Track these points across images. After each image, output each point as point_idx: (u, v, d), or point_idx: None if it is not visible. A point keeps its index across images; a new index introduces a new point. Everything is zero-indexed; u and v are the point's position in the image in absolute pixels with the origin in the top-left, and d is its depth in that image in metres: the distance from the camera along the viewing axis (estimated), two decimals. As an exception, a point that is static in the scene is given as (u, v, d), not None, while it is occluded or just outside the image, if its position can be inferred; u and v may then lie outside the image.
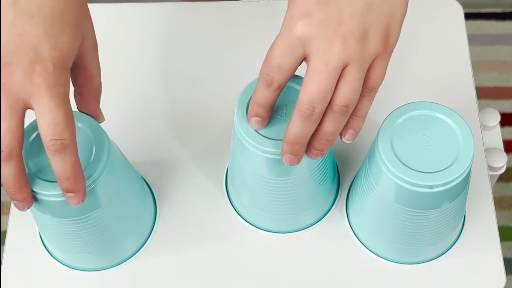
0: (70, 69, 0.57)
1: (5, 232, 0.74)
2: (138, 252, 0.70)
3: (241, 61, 0.81)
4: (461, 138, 0.60)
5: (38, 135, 0.60)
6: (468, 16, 1.41)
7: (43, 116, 0.53)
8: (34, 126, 0.61)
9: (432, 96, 0.75)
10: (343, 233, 0.71)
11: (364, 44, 0.54)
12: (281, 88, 0.56)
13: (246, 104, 0.61)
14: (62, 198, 0.59)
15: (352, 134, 0.58)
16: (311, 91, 0.54)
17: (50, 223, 0.63)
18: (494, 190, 0.75)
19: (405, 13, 0.56)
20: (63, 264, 0.70)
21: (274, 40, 0.55)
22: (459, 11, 0.84)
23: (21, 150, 0.55)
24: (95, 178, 0.59)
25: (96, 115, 0.62)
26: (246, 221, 0.72)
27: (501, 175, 0.79)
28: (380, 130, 0.61)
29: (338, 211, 0.72)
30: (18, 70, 0.53)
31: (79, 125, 0.61)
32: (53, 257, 0.71)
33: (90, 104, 0.61)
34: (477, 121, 0.77)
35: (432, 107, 0.62)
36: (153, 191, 0.73)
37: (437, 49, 0.82)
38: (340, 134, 0.58)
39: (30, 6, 0.54)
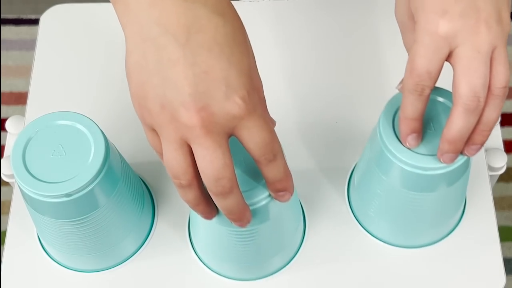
0: None
1: (5, 232, 0.74)
2: (137, 253, 0.70)
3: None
4: None
5: (38, 136, 0.60)
6: (468, 16, 1.41)
7: (252, 141, 0.52)
8: (32, 127, 0.61)
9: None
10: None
11: (502, 25, 0.55)
12: (430, 93, 0.56)
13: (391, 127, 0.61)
14: (60, 200, 0.59)
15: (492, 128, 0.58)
16: (472, 81, 0.54)
17: (48, 225, 0.63)
18: (494, 190, 0.75)
19: None
20: (62, 265, 0.70)
21: (415, 49, 0.55)
22: (459, 11, 0.84)
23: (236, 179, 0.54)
24: (93, 179, 0.59)
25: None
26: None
27: (501, 175, 0.79)
28: (382, 114, 0.62)
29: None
30: (217, 108, 0.50)
31: (77, 126, 0.61)
32: (51, 258, 0.70)
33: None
34: (477, 121, 0.77)
35: (434, 92, 0.62)
36: (152, 192, 0.73)
37: (437, 49, 0.82)
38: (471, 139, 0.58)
39: (204, 39, 0.51)
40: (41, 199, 0.59)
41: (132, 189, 0.66)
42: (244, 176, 0.59)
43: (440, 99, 0.62)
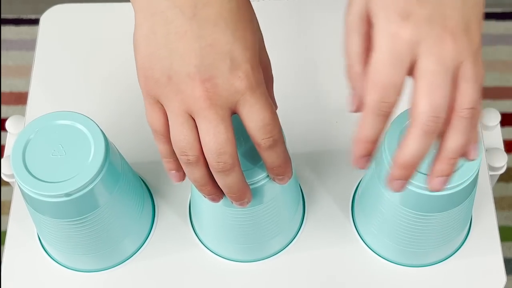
0: None
1: (5, 232, 0.74)
2: (137, 253, 0.70)
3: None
4: None
5: (38, 136, 0.60)
6: (468, 16, 1.41)
7: (253, 119, 0.53)
8: (32, 126, 0.61)
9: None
10: (348, 235, 0.71)
11: (470, 37, 0.49)
12: (393, 108, 0.50)
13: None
14: (60, 199, 0.59)
15: (476, 148, 0.52)
16: (433, 99, 0.48)
17: (48, 224, 0.63)
18: (494, 190, 0.75)
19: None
20: (62, 265, 0.70)
21: (376, 57, 0.49)
22: (459, 11, 0.84)
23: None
24: (93, 179, 0.59)
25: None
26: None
27: (501, 175, 0.79)
28: (387, 133, 0.61)
29: (343, 213, 0.72)
30: (221, 81, 0.52)
31: (77, 125, 0.61)
32: (51, 258, 0.70)
33: (269, 93, 0.57)
34: (477, 121, 0.77)
35: None
36: (152, 192, 0.73)
37: (437, 49, 0.82)
38: (464, 154, 0.52)
39: (210, 13, 0.52)
40: (41, 198, 0.59)
41: (132, 189, 0.66)
42: (243, 156, 0.59)
43: None
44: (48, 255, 0.71)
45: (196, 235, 0.71)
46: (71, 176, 0.59)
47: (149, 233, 0.71)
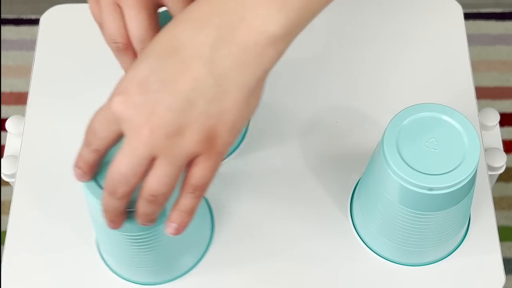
0: None
1: (5, 232, 0.74)
2: (194, 269, 0.70)
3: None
4: (467, 142, 0.60)
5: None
6: (468, 16, 1.41)
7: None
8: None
9: (432, 96, 0.75)
10: (347, 234, 0.71)
11: (175, 141, 0.51)
12: (100, 152, 0.55)
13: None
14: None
15: (174, 227, 0.56)
16: (113, 172, 0.52)
17: (113, 234, 0.62)
18: (493, 190, 0.75)
19: (243, 118, 0.53)
20: (118, 275, 0.70)
21: (101, 105, 0.54)
22: (459, 11, 0.84)
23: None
24: None
25: None
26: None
27: (500, 175, 0.79)
28: (386, 132, 0.61)
29: (342, 212, 0.72)
30: None
31: None
32: (108, 266, 0.70)
33: None
34: (477, 121, 0.77)
35: (438, 109, 0.62)
36: (211, 206, 0.72)
37: (436, 49, 0.82)
38: (165, 226, 0.57)
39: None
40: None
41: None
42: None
43: (445, 117, 0.61)
44: (108, 266, 0.70)
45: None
46: None
47: (207, 248, 0.70)
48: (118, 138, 0.53)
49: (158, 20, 0.58)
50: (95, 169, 0.57)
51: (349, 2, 0.85)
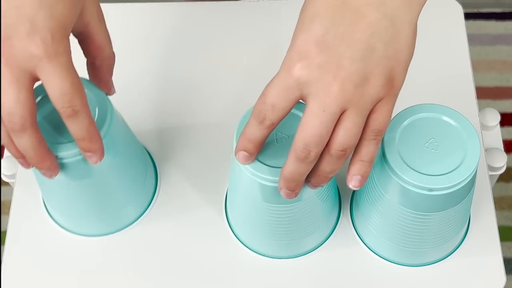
0: (79, 41, 0.59)
1: (5, 232, 0.74)
2: (138, 220, 0.72)
3: (240, 61, 0.81)
4: (467, 142, 0.60)
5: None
6: (468, 16, 1.41)
7: (51, 88, 0.55)
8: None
9: (432, 96, 0.75)
10: (347, 235, 0.71)
11: (363, 89, 0.52)
12: (274, 126, 0.55)
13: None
14: (68, 160, 0.60)
15: (358, 180, 0.56)
16: (306, 135, 0.53)
17: (54, 185, 0.64)
18: (494, 190, 0.75)
19: (411, 56, 0.55)
20: (65, 229, 0.72)
21: (272, 79, 0.54)
22: (459, 11, 0.84)
23: (35, 119, 0.55)
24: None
25: (107, 87, 0.63)
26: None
27: (501, 175, 0.79)
28: (386, 132, 0.61)
29: (342, 213, 0.72)
30: (17, 42, 0.54)
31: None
32: (55, 221, 0.72)
33: (102, 75, 0.62)
34: (477, 121, 0.77)
35: (438, 109, 0.62)
36: (155, 161, 0.75)
37: (437, 49, 0.82)
38: (347, 180, 0.57)
39: None
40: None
41: (135, 156, 0.68)
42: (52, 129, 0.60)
43: (446, 118, 0.61)
44: (52, 218, 0.72)
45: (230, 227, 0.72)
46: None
47: (151, 201, 0.73)
48: (293, 106, 0.54)
49: (32, 96, 0.56)
50: (261, 147, 0.58)
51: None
